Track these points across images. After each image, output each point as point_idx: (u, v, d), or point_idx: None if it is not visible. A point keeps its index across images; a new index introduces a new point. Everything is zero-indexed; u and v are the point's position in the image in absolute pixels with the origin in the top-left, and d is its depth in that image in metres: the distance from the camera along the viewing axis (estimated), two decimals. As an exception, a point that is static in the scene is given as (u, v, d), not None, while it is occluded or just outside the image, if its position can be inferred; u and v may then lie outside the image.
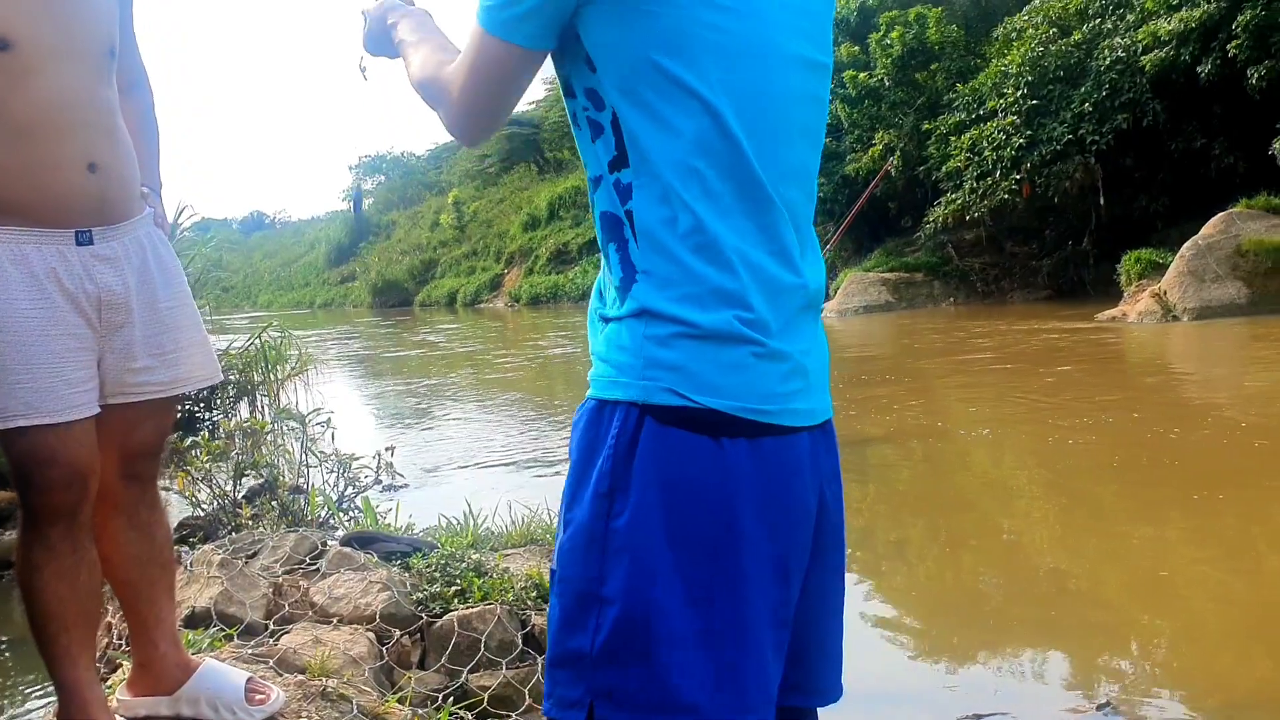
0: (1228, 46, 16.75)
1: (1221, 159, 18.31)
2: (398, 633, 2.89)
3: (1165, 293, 14.81)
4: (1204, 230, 15.34)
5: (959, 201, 20.87)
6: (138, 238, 2.05)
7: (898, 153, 22.84)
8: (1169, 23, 17.68)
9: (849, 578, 4.78)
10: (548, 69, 1.26)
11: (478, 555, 3.28)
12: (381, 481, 6.85)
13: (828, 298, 22.53)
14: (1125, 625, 4.26)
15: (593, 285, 1.25)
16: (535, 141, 54.27)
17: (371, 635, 2.83)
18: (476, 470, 7.87)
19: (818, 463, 1.22)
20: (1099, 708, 3.35)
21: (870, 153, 23.55)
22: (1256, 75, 16.38)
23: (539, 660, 2.83)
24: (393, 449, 6.61)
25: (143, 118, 2.19)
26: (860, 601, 4.51)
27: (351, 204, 69.72)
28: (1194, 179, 18.69)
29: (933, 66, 23.62)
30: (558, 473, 7.89)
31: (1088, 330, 14.59)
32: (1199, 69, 17.43)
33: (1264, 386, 9.43)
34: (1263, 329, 12.73)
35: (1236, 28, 16.53)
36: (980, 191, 20.42)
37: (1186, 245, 15.16)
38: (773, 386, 1.14)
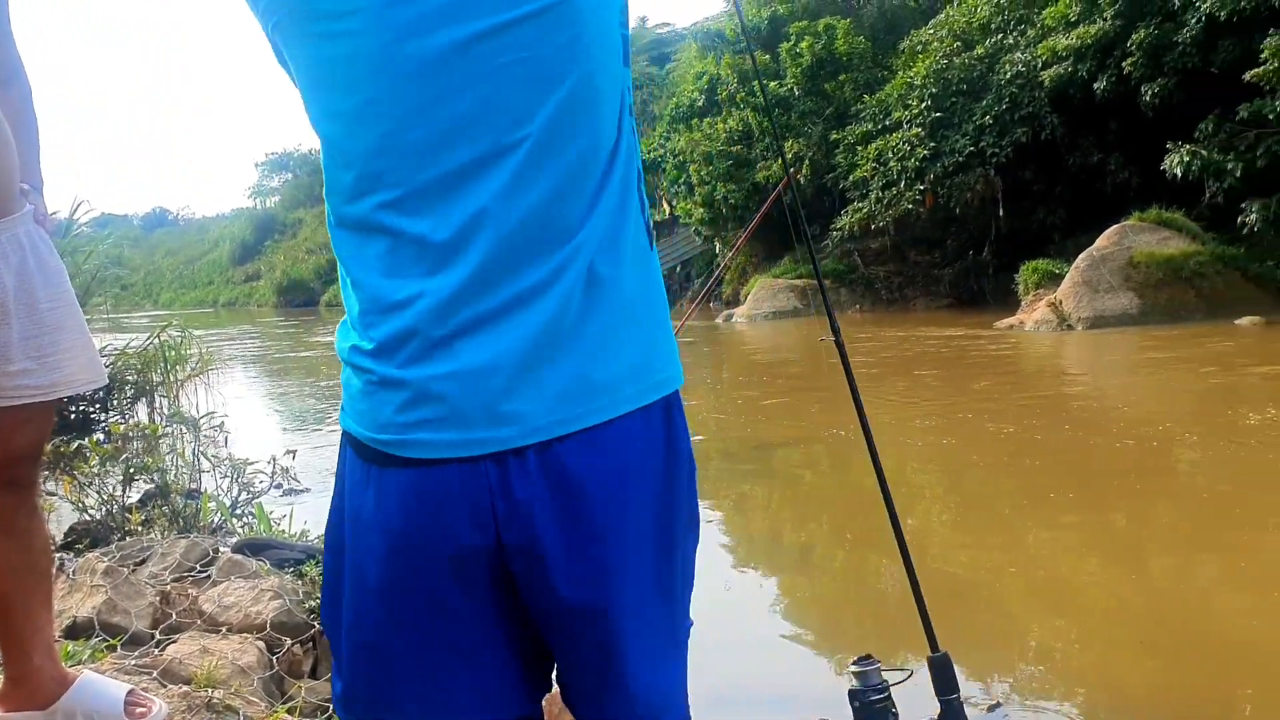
0: (1123, 64, 17.33)
1: (1117, 173, 18.94)
2: (289, 641, 2.84)
3: (1061, 302, 15.27)
4: (1098, 242, 15.85)
5: (865, 210, 21.26)
6: (16, 236, 1.98)
7: (806, 161, 23.17)
8: (1067, 38, 18.23)
9: (750, 588, 4.86)
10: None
11: (374, 562, 3.23)
12: (282, 486, 6.71)
13: (738, 303, 22.79)
14: (1017, 625, 4.38)
15: None
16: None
17: (262, 644, 2.77)
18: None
19: (494, 496, 1.09)
20: (990, 709, 3.43)
21: (780, 161, 23.85)
22: (1150, 92, 16.97)
23: (434, 668, 2.81)
24: (294, 453, 6.48)
25: (21, 111, 2.11)
26: (765, 608, 4.57)
27: None
28: (1090, 192, 19.31)
29: (841, 77, 24.02)
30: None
31: (986, 338, 14.97)
32: (1095, 85, 18.00)
33: (1145, 393, 9.79)
34: (1151, 339, 13.20)
35: (1131, 45, 17.11)
36: (885, 201, 20.82)
37: (1081, 256, 15.65)
38: (389, 416, 1.10)
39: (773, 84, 24.57)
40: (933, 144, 20.22)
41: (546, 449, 1.08)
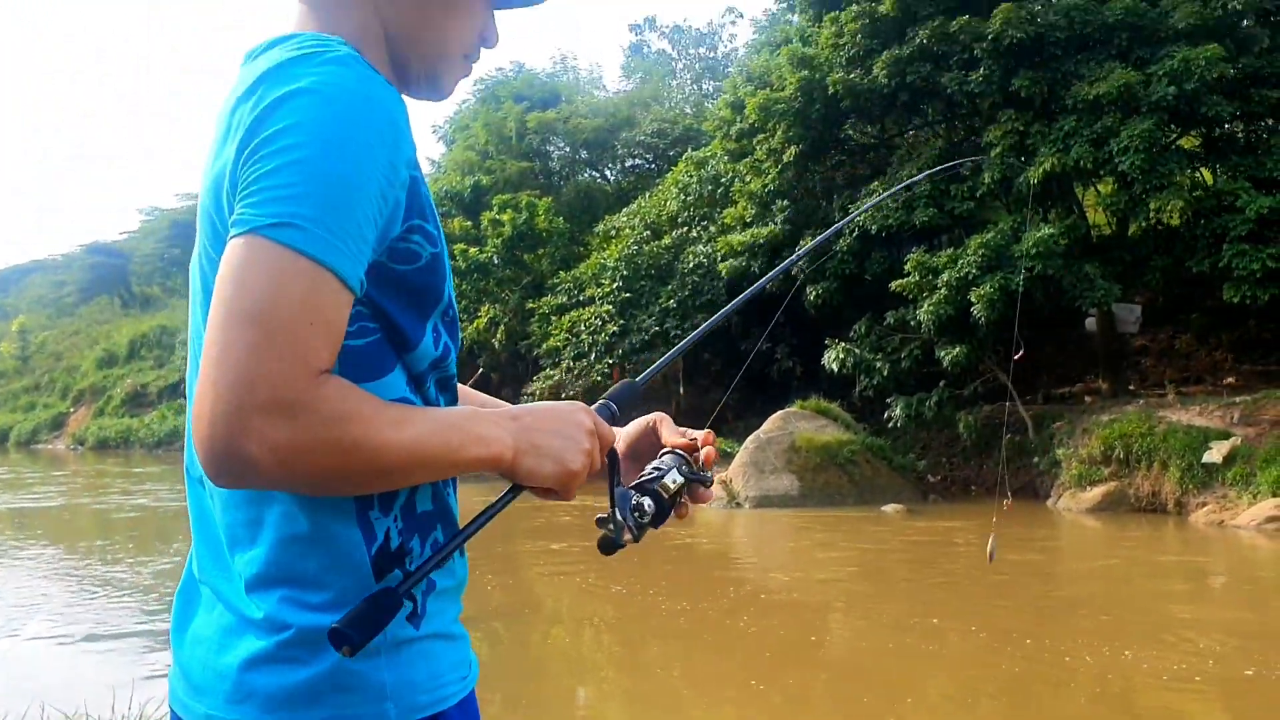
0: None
1: (783, 362, 20.60)
2: None
3: (731, 481, 16.18)
4: (765, 425, 17.02)
5: (556, 378, 21.90)
6: None
7: (501, 326, 23.72)
8: (742, 236, 19.92)
9: None
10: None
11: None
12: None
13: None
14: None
15: (171, 431, 1.15)
16: (124, 273, 51.03)
17: None
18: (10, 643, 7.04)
19: None
20: None
21: (475, 324, 24.32)
22: (815, 293, 18.69)
23: None
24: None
25: None
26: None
27: None
28: (760, 378, 20.83)
29: (540, 251, 24.99)
30: (112, 649, 7.24)
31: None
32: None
33: (804, 572, 10.53)
34: (805, 519, 14.28)
35: (798, 249, 18.88)
36: (576, 371, 21.56)
37: (750, 438, 16.73)
38: None
39: (473, 249, 25.15)
40: (622, 321, 21.27)
41: None
